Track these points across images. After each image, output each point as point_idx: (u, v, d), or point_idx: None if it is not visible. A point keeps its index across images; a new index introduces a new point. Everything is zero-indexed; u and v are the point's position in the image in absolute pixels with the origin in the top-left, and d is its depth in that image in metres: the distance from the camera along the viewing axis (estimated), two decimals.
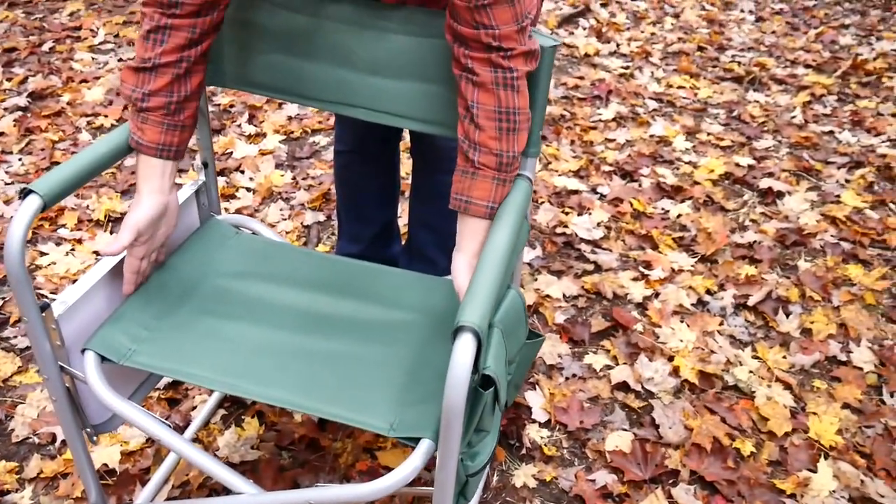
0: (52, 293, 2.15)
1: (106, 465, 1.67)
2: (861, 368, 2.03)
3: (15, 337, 2.01)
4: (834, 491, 1.69)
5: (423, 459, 1.04)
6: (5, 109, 3.06)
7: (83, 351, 1.19)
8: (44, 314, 1.13)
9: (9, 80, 3.29)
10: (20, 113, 3.04)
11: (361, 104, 1.34)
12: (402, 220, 2.28)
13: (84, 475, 1.38)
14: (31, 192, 1.11)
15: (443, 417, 0.96)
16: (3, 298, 2.12)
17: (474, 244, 1.19)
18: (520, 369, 1.24)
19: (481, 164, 1.17)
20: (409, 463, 1.03)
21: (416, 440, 1.06)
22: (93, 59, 3.53)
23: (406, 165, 2.59)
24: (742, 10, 4.78)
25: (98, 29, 3.83)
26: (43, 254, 2.29)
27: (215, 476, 1.12)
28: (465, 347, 0.92)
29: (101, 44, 3.70)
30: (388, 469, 1.58)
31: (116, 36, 3.80)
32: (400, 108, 1.32)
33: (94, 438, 1.33)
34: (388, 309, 1.35)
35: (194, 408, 1.82)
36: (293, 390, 1.15)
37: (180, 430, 1.76)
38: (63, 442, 1.73)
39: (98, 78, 3.34)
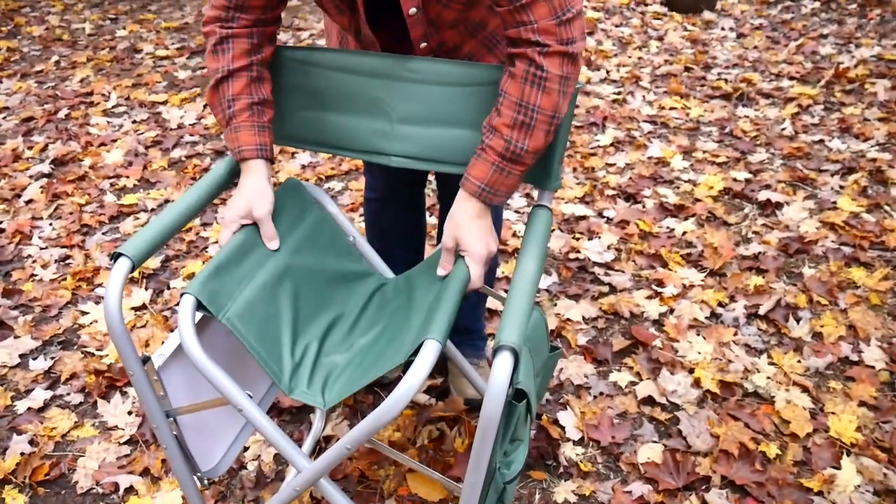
0: (97, 350, 2.25)
1: None
2: (873, 367, 2.14)
3: (68, 394, 2.11)
4: (859, 486, 1.79)
5: (429, 359, 1.08)
6: (31, 177, 3.18)
7: (182, 295, 1.23)
8: (146, 367, 1.23)
9: (30, 148, 3.42)
10: (45, 179, 3.16)
11: (394, 152, 1.45)
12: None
13: None
14: (120, 255, 1.22)
15: (479, 426, 1.06)
16: (52, 358, 2.23)
17: (461, 217, 1.31)
18: (543, 381, 1.34)
19: (489, 146, 1.28)
20: (416, 366, 1.07)
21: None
22: (108, 122, 3.67)
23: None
24: (723, 28, 4.95)
25: (109, 93, 3.97)
26: (84, 313, 2.40)
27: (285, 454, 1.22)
28: (504, 364, 1.03)
29: (114, 107, 3.84)
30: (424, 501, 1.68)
31: (128, 98, 3.93)
32: (431, 152, 1.43)
33: (206, 482, 1.42)
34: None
35: (246, 449, 1.92)
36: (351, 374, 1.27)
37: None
38: (126, 489, 1.82)
39: (115, 140, 3.47)
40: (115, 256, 1.22)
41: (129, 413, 2.04)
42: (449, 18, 1.36)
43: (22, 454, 1.91)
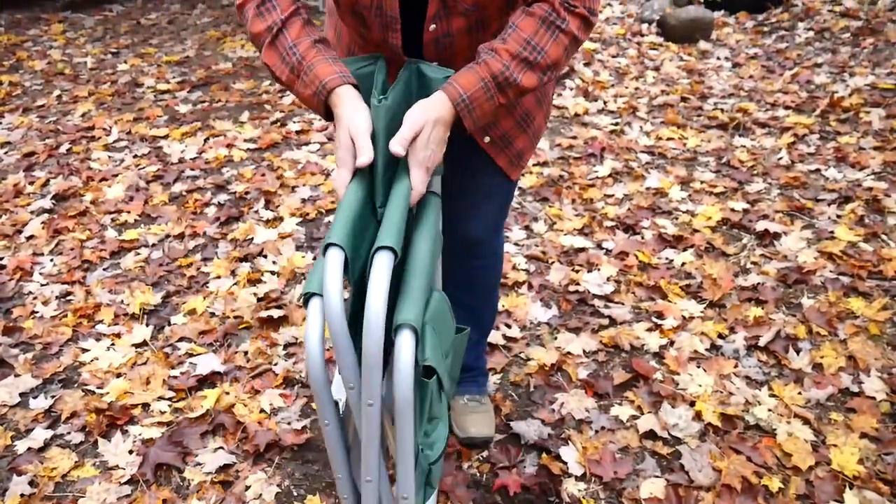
0: (98, 387, 2.25)
1: None
2: (874, 398, 2.14)
3: (69, 433, 2.11)
4: None
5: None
6: (32, 212, 3.20)
7: (327, 246, 1.07)
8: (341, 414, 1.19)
9: (31, 183, 3.44)
10: (47, 215, 3.18)
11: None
12: None
13: None
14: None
15: (396, 409, 1.05)
16: (53, 396, 2.23)
17: (428, 115, 1.22)
18: (454, 362, 1.33)
19: (486, 62, 1.25)
20: (372, 280, 1.03)
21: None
22: (109, 157, 3.69)
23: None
24: (718, 58, 5.00)
25: (111, 128, 4.00)
26: (85, 350, 2.40)
27: None
28: (406, 342, 1.03)
29: (115, 142, 3.87)
30: None
31: (129, 133, 3.96)
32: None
33: None
34: None
35: (248, 488, 1.91)
36: None
37: None
38: None
39: (116, 175, 3.49)
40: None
41: (130, 452, 2.03)
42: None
43: (22, 496, 1.91)
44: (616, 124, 3.97)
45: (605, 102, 4.27)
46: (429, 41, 1.34)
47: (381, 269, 1.03)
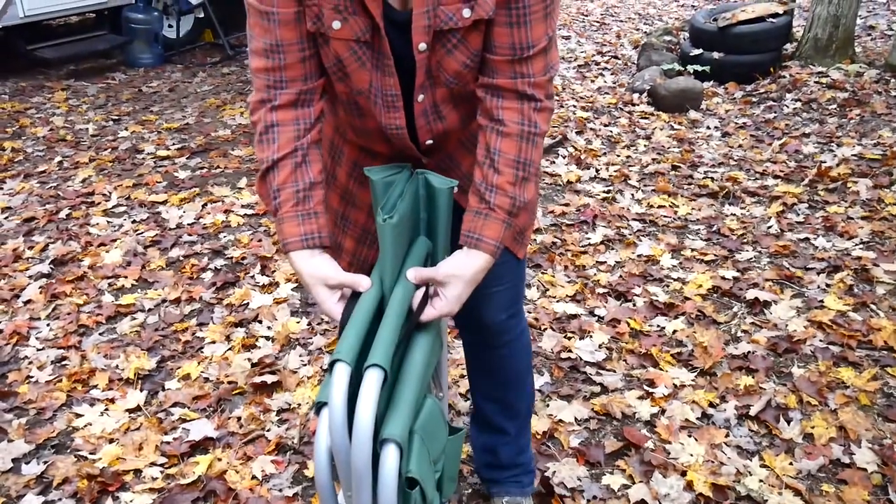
0: (91, 453, 2.25)
1: None
2: (865, 469, 2.15)
3: (60, 500, 2.10)
4: None
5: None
6: (30, 277, 3.23)
7: (334, 361, 1.12)
8: None
9: (30, 248, 3.48)
10: (45, 280, 3.21)
11: None
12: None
13: None
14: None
15: None
16: (45, 462, 2.22)
17: (474, 274, 1.31)
18: (450, 463, 1.36)
19: (496, 205, 1.31)
20: (360, 398, 1.06)
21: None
22: (108, 222, 3.74)
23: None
24: (708, 127, 5.11)
25: (110, 193, 4.06)
26: (79, 415, 2.41)
27: None
28: (391, 456, 1.09)
29: (114, 207, 3.92)
30: None
31: (128, 198, 4.03)
32: None
33: None
34: None
35: None
36: None
37: None
38: None
39: (114, 240, 3.54)
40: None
41: None
42: (452, 69, 1.33)
43: None
44: (608, 192, 4.04)
45: (597, 170, 4.35)
46: (419, 113, 1.38)
47: (370, 386, 1.08)
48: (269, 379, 2.53)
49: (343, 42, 1.28)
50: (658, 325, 2.84)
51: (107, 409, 2.44)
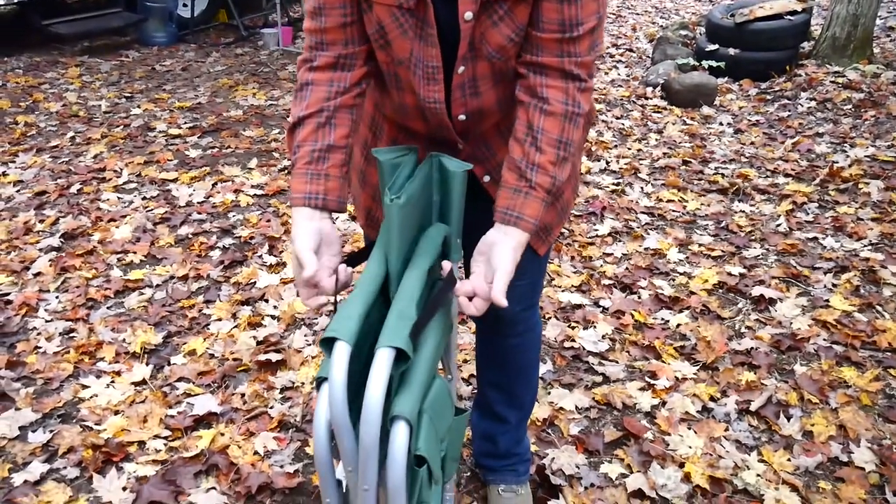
0: (96, 424, 2.27)
1: None
2: (863, 468, 2.15)
3: (65, 468, 2.13)
4: None
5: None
6: (41, 250, 3.26)
7: (334, 341, 1.10)
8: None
9: (41, 221, 3.51)
10: (55, 253, 3.24)
11: None
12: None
13: None
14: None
15: (388, 495, 1.10)
16: (51, 431, 2.25)
17: (515, 254, 1.27)
18: (453, 444, 1.37)
19: (537, 183, 1.30)
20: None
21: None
22: (118, 198, 3.77)
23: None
24: (721, 123, 5.10)
25: (121, 170, 4.09)
26: (85, 386, 2.43)
27: None
28: (401, 433, 1.09)
29: (124, 183, 3.95)
30: None
31: (139, 175, 4.05)
32: None
33: None
34: None
35: None
36: None
37: None
38: None
39: (124, 216, 3.56)
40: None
41: (124, 489, 2.05)
42: (496, 42, 1.31)
43: None
44: (618, 184, 4.04)
45: (607, 162, 4.35)
46: (457, 85, 1.36)
47: (381, 365, 1.08)
48: (274, 357, 2.55)
49: (386, 8, 1.27)
50: (662, 318, 2.85)
51: (113, 382, 2.46)
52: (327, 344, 1.10)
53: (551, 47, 1.27)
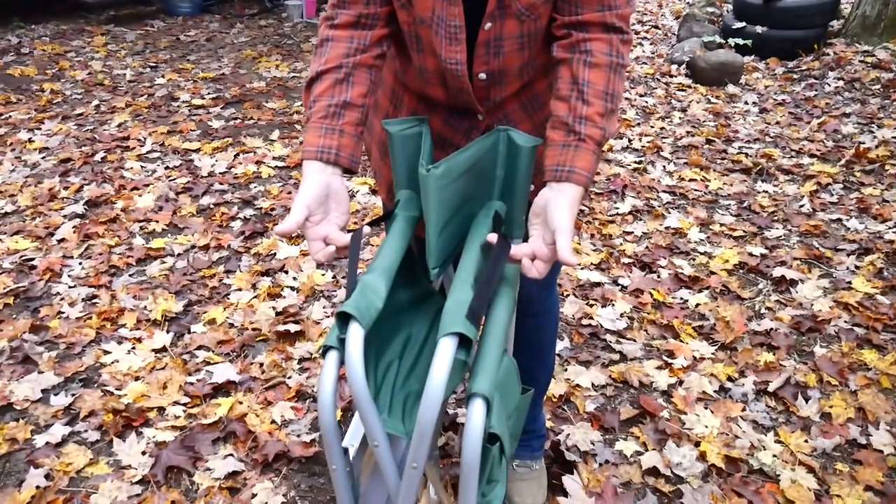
0: (117, 389, 2.31)
1: None
2: (881, 451, 2.14)
3: (86, 431, 2.16)
4: None
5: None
6: (65, 216, 3.29)
7: (348, 320, 1.11)
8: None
9: (66, 188, 3.54)
10: (78, 220, 3.27)
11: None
12: None
13: None
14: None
15: (461, 472, 1.10)
16: (73, 395, 2.29)
17: (574, 209, 1.23)
18: (517, 422, 1.37)
19: (587, 135, 1.27)
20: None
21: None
22: (142, 167, 3.79)
23: None
24: (746, 103, 5.04)
25: (145, 139, 4.11)
26: (106, 352, 2.47)
27: None
28: (478, 411, 1.08)
29: (148, 153, 3.97)
30: None
31: (162, 145, 4.07)
32: None
33: None
34: None
35: (254, 496, 1.95)
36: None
37: None
38: None
39: (147, 185, 3.59)
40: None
41: (143, 453, 2.08)
42: (526, 0, 1.30)
43: (37, 487, 1.96)
44: (639, 163, 4.01)
45: (629, 140, 4.31)
46: (481, 42, 1.34)
47: (445, 353, 1.08)
48: (293, 328, 2.57)
49: None
50: (681, 298, 2.83)
51: (134, 348, 2.49)
52: (342, 318, 1.10)
53: (591, 3, 1.28)
